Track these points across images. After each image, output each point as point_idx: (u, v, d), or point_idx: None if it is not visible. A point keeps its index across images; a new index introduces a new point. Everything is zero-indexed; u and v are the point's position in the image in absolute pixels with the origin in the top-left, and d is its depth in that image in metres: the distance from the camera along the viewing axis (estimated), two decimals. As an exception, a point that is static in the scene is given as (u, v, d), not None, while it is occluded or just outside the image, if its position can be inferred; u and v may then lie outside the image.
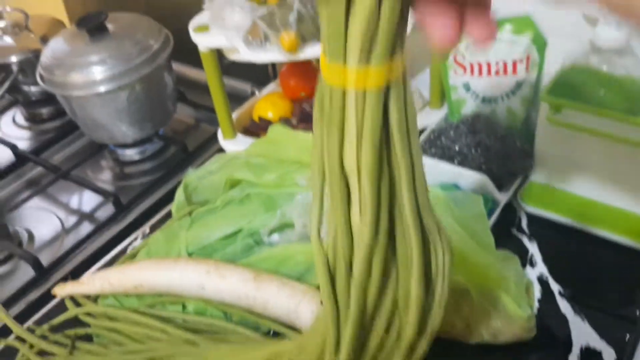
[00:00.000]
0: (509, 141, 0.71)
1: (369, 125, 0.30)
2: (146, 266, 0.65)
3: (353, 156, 0.31)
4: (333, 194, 0.33)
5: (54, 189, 0.90)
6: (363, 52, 0.28)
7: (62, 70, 0.82)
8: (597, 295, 0.61)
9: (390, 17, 0.27)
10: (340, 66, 0.28)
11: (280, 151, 0.70)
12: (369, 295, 0.36)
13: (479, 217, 0.58)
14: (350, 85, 0.29)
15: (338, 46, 0.28)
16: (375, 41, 0.28)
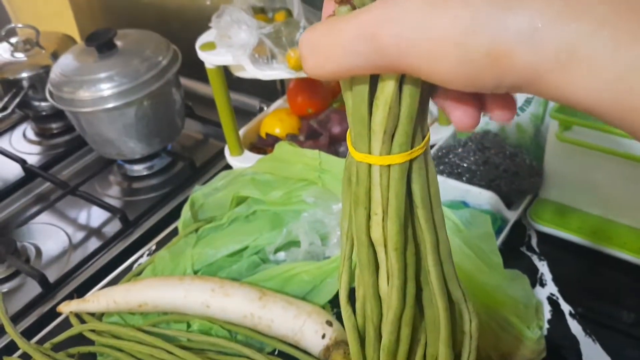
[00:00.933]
0: (518, 158, 0.70)
1: (393, 199, 0.31)
2: (151, 284, 0.64)
3: (379, 228, 0.32)
4: (361, 263, 0.34)
5: (62, 204, 0.90)
6: (385, 143, 0.30)
7: (71, 87, 0.82)
8: (609, 316, 0.60)
9: (410, 105, 0.28)
10: (366, 154, 0.30)
11: (287, 168, 0.70)
12: (398, 359, 0.37)
13: (487, 237, 0.57)
14: (375, 162, 0.30)
15: (362, 136, 0.30)
16: (397, 132, 0.29)
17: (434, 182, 0.33)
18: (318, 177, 0.66)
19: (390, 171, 0.31)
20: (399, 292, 0.34)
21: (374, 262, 0.34)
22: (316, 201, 0.69)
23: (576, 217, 0.69)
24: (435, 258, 0.34)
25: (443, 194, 0.71)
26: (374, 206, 0.32)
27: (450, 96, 0.28)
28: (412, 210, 0.33)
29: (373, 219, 0.33)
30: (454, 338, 0.37)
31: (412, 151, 0.30)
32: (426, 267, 0.34)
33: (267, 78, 0.67)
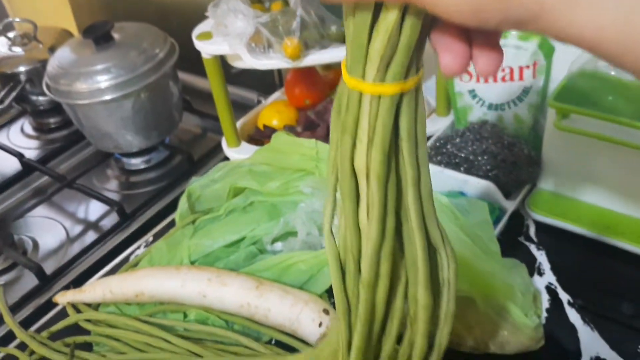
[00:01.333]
0: (516, 148, 0.69)
1: (380, 129, 0.31)
2: (147, 274, 0.64)
3: (363, 157, 0.32)
4: (343, 192, 0.34)
5: (59, 197, 0.90)
6: (380, 72, 0.30)
7: (68, 80, 0.82)
8: (608, 305, 0.60)
9: (410, 37, 0.29)
10: (359, 79, 0.30)
11: (284, 159, 0.69)
12: (378, 294, 0.37)
13: (484, 224, 0.57)
14: (366, 91, 0.31)
15: (358, 61, 0.30)
16: (393, 60, 0.30)
17: (422, 119, 0.33)
18: (315, 166, 0.65)
19: (380, 101, 0.31)
20: (378, 224, 0.34)
21: (356, 192, 0.34)
22: (313, 191, 0.69)
23: (575, 206, 0.68)
24: (415, 194, 0.34)
25: (441, 184, 0.71)
26: (361, 134, 0.32)
27: (446, 34, 0.28)
28: (397, 144, 0.33)
29: (358, 147, 0.32)
30: (435, 282, 0.37)
31: (405, 83, 0.30)
32: (406, 203, 0.34)
33: (264, 67, 0.67)
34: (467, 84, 0.72)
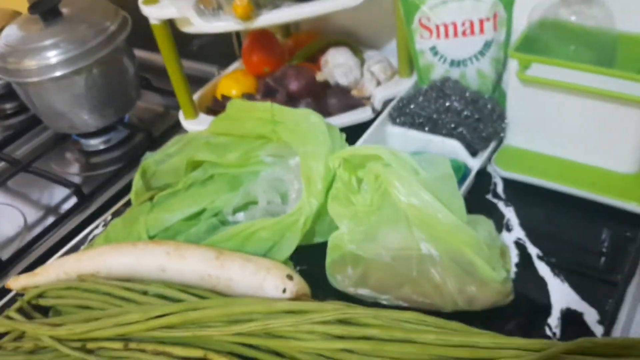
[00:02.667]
0: (479, 104, 0.68)
1: None
2: (103, 252, 0.62)
3: None
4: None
5: (16, 183, 0.87)
6: None
7: (15, 57, 0.79)
8: (578, 259, 0.58)
9: None
10: None
11: (240, 126, 0.67)
12: None
13: (446, 179, 0.55)
14: None
15: None
16: None
17: None
18: (272, 130, 0.63)
19: None
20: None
21: None
22: (274, 160, 0.67)
23: (542, 161, 0.67)
24: None
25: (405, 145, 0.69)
26: None
27: None
28: None
29: None
30: None
31: None
32: None
33: (215, 31, 0.64)
34: (428, 41, 0.70)
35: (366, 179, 0.57)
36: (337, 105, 0.75)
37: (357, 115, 0.74)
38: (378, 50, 0.84)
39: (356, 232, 0.56)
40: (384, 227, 0.56)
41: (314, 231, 0.60)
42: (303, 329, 0.49)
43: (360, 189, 0.58)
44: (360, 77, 0.78)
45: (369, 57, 0.82)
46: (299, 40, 0.85)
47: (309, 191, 0.57)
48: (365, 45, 0.85)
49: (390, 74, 0.78)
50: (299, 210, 0.57)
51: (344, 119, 0.73)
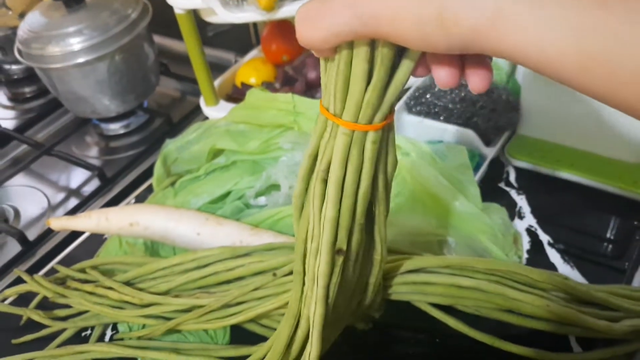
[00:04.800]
0: (495, 95, 0.69)
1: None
2: (147, 207, 0.64)
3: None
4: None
5: (39, 166, 0.89)
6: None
7: (40, 43, 0.80)
8: (588, 247, 0.60)
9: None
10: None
11: (260, 116, 0.69)
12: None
13: (463, 168, 0.57)
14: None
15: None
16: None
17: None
18: (293, 120, 0.65)
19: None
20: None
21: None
22: (293, 146, 0.69)
23: (554, 151, 0.69)
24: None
25: (420, 134, 0.71)
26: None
27: (435, 60, 0.32)
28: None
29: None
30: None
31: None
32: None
33: (238, 21, 0.66)
34: (445, 32, 0.71)
35: (385, 167, 0.59)
36: (354, 94, 0.76)
37: (373, 104, 0.76)
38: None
39: (375, 218, 0.58)
40: (402, 213, 0.58)
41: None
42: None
43: (379, 177, 0.60)
44: (376, 66, 0.80)
45: (384, 46, 0.83)
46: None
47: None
48: (381, 34, 0.86)
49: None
50: (322, 197, 0.59)
51: (361, 108, 0.75)
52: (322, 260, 0.38)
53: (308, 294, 0.40)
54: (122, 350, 0.55)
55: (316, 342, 0.40)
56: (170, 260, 0.59)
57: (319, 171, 0.36)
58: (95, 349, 0.56)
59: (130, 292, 0.57)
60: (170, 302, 0.55)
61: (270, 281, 0.52)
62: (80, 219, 0.65)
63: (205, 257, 0.58)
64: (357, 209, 0.37)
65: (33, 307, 0.63)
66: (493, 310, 0.49)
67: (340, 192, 0.36)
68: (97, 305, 0.58)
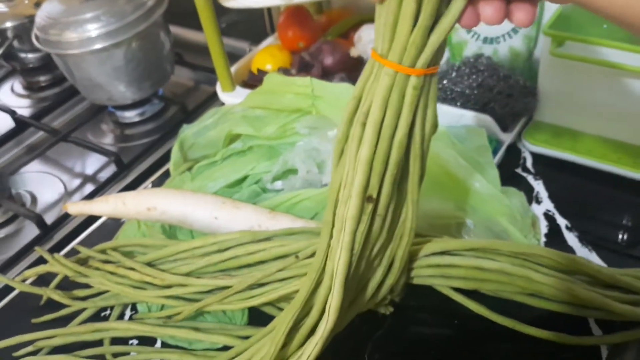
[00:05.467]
0: (512, 81, 0.69)
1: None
2: (164, 191, 0.64)
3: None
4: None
5: (55, 152, 0.89)
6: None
7: (57, 29, 0.81)
8: (605, 233, 0.60)
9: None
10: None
11: (278, 100, 0.69)
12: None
13: (482, 150, 0.57)
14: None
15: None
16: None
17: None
18: (311, 104, 0.65)
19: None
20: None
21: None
22: (310, 131, 0.69)
23: (570, 136, 0.69)
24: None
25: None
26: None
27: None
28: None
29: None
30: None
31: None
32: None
33: (257, 5, 0.66)
34: (462, 18, 0.71)
35: (404, 150, 0.59)
36: (370, 81, 0.76)
37: (389, 91, 0.76)
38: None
39: (394, 201, 0.59)
40: (421, 196, 0.58)
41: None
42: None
43: (398, 160, 0.60)
44: (392, 53, 0.80)
45: (400, 34, 0.83)
46: (331, 17, 0.87)
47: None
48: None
49: (421, 51, 0.80)
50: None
51: (377, 94, 0.75)
52: (352, 204, 0.38)
53: (334, 246, 0.40)
54: (141, 328, 0.56)
55: (338, 291, 0.40)
56: (191, 243, 0.59)
57: (360, 114, 0.37)
58: (115, 327, 0.56)
59: (152, 272, 0.57)
60: (193, 283, 0.56)
61: (293, 263, 0.52)
62: (97, 204, 0.65)
63: (226, 240, 0.58)
64: (392, 155, 0.38)
65: (53, 287, 0.63)
66: (515, 294, 0.49)
67: (377, 135, 0.37)
68: (118, 285, 0.58)
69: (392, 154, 0.38)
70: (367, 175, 0.38)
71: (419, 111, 0.37)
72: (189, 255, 0.59)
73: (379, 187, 0.39)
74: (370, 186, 0.38)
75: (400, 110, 0.36)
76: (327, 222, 0.41)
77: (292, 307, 0.44)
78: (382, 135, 0.37)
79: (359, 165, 0.37)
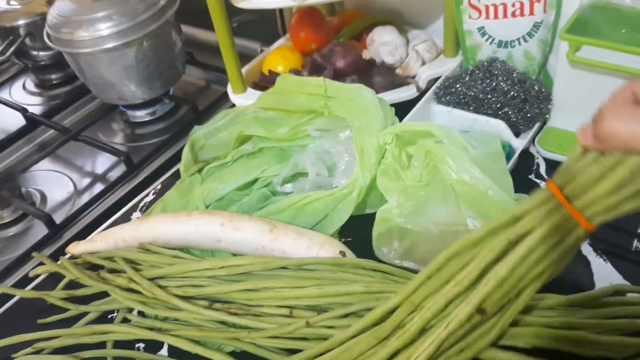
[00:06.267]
0: (526, 85, 0.68)
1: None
2: (160, 221, 0.63)
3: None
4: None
5: (65, 151, 0.89)
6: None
7: (69, 28, 0.81)
8: (619, 242, 0.59)
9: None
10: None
11: (291, 101, 0.68)
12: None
13: (496, 156, 0.56)
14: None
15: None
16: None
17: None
18: (324, 105, 0.64)
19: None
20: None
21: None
22: (322, 133, 0.68)
23: (586, 143, 0.67)
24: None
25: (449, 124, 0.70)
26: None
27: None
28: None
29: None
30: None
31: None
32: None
33: (271, 7, 0.66)
34: (477, 21, 0.71)
35: (416, 155, 0.59)
36: (382, 83, 0.76)
37: (401, 94, 0.75)
38: (422, 29, 0.85)
39: (405, 207, 0.58)
40: (433, 202, 0.57)
41: (365, 203, 0.62)
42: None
43: (410, 165, 0.59)
44: (405, 56, 0.79)
45: (413, 36, 0.83)
46: (344, 19, 0.86)
47: (362, 164, 0.59)
48: (409, 25, 0.86)
49: (435, 54, 0.79)
50: (352, 182, 0.59)
51: (389, 97, 0.74)
52: (465, 309, 0.39)
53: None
54: (141, 332, 0.55)
55: None
56: (200, 264, 0.58)
57: (513, 233, 0.37)
58: (115, 330, 0.56)
59: (163, 296, 0.56)
60: (201, 314, 0.55)
61: (301, 327, 0.51)
62: (97, 243, 0.65)
63: (236, 266, 0.57)
64: (520, 284, 0.38)
65: (60, 288, 0.63)
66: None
67: (522, 261, 0.37)
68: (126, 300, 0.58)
69: (523, 283, 0.39)
70: (492, 291, 0.38)
71: (558, 262, 0.38)
72: (198, 275, 0.58)
73: (494, 305, 0.39)
74: (488, 301, 0.39)
75: (551, 251, 0.37)
76: (411, 302, 0.42)
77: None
78: (524, 263, 0.37)
79: (489, 280, 0.38)
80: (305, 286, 0.53)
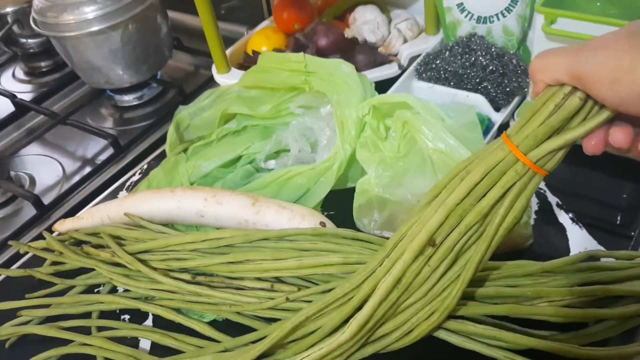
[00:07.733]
0: (504, 60, 0.69)
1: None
2: (143, 197, 0.64)
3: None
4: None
5: (54, 136, 0.90)
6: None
7: (54, 12, 0.82)
8: (595, 211, 0.60)
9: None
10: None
11: (273, 78, 0.69)
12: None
13: (471, 126, 0.57)
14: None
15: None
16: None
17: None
18: (304, 80, 0.65)
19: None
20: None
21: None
22: (304, 111, 0.69)
23: (564, 116, 0.68)
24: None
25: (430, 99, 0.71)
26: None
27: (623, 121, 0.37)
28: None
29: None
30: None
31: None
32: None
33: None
34: (455, -2, 0.72)
35: (394, 127, 0.60)
36: (364, 62, 0.77)
37: (383, 71, 0.76)
38: (404, 9, 0.86)
39: (383, 177, 0.59)
40: (411, 172, 0.58)
41: (347, 176, 0.63)
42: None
43: (388, 136, 0.60)
44: (387, 34, 0.80)
45: (395, 15, 0.84)
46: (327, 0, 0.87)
47: (342, 137, 0.60)
48: (391, 4, 0.87)
49: (416, 32, 0.80)
50: (333, 155, 0.60)
51: (371, 75, 0.75)
52: (418, 238, 0.42)
53: (378, 273, 0.44)
54: (126, 302, 0.56)
55: (367, 311, 0.44)
56: (182, 238, 0.58)
57: (464, 170, 0.42)
58: (101, 299, 0.57)
59: (145, 270, 0.57)
60: (183, 288, 0.56)
61: (282, 302, 0.52)
62: (83, 220, 0.66)
63: (217, 239, 0.58)
64: (468, 216, 0.41)
65: (48, 264, 0.64)
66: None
67: (467, 193, 0.41)
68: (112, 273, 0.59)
69: (469, 215, 0.41)
70: (443, 220, 0.42)
71: (509, 196, 0.41)
72: (180, 248, 0.59)
73: (444, 237, 0.42)
74: (439, 231, 0.42)
75: (494, 184, 0.40)
76: (385, 248, 0.45)
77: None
78: (470, 194, 0.41)
79: (440, 208, 0.41)
80: (286, 258, 0.54)
